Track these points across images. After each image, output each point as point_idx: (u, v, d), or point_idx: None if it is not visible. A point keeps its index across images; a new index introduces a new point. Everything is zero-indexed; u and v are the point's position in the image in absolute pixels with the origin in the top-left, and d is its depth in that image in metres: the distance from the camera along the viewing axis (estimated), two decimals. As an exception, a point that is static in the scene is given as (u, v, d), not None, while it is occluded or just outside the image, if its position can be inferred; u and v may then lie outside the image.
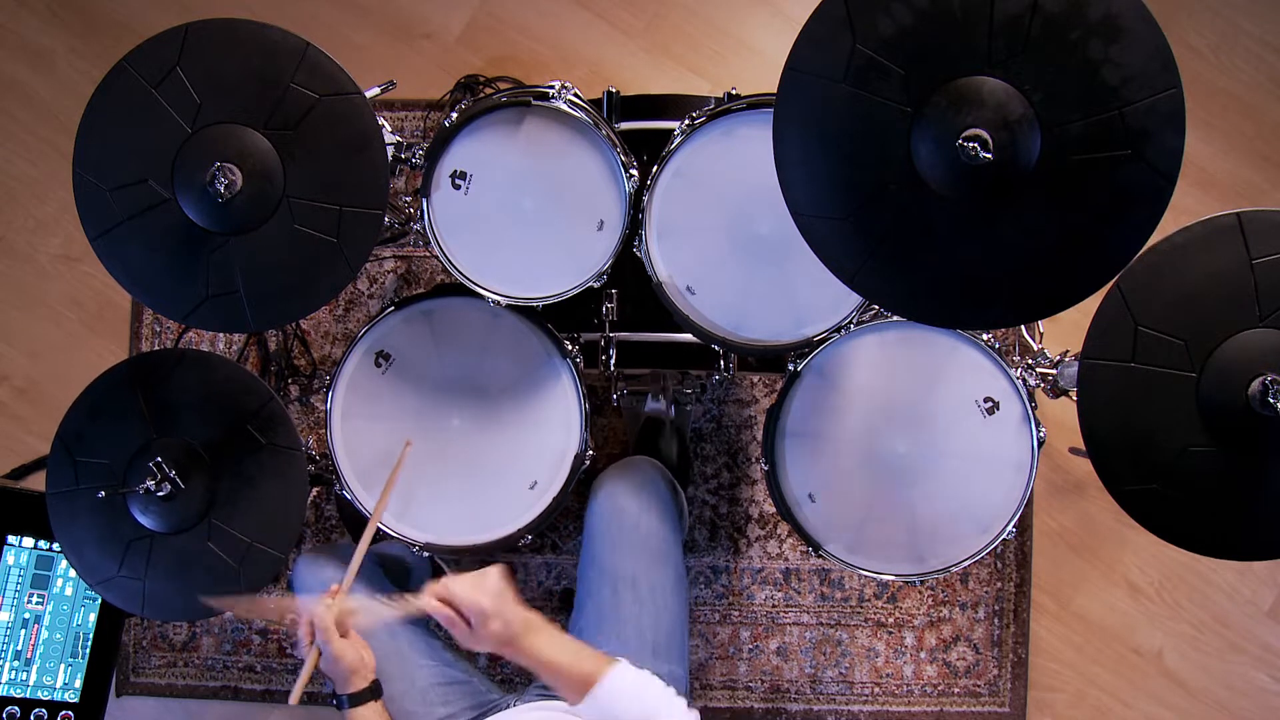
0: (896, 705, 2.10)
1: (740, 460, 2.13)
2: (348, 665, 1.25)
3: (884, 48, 1.09)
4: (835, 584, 2.11)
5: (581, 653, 1.23)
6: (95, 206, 1.28)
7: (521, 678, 2.10)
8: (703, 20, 2.23)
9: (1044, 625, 2.12)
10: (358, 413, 1.54)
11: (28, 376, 2.22)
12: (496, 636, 1.20)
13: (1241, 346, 1.18)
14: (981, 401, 1.49)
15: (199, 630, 2.14)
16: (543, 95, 1.45)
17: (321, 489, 2.10)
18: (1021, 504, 1.47)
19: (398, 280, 2.19)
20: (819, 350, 1.49)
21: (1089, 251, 1.12)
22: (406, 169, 1.56)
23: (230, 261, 1.28)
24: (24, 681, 1.58)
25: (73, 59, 2.25)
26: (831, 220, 1.16)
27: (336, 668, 1.25)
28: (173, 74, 1.25)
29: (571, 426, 1.54)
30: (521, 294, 1.48)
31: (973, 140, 1.04)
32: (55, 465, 1.38)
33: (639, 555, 1.48)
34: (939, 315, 1.22)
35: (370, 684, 1.28)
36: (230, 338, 2.18)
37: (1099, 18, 1.05)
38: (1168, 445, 1.22)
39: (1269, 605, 2.12)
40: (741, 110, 1.43)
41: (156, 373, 1.39)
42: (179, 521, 1.36)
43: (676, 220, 1.46)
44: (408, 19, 2.24)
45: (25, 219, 2.24)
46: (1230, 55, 2.18)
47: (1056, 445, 2.10)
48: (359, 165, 1.28)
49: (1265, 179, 2.16)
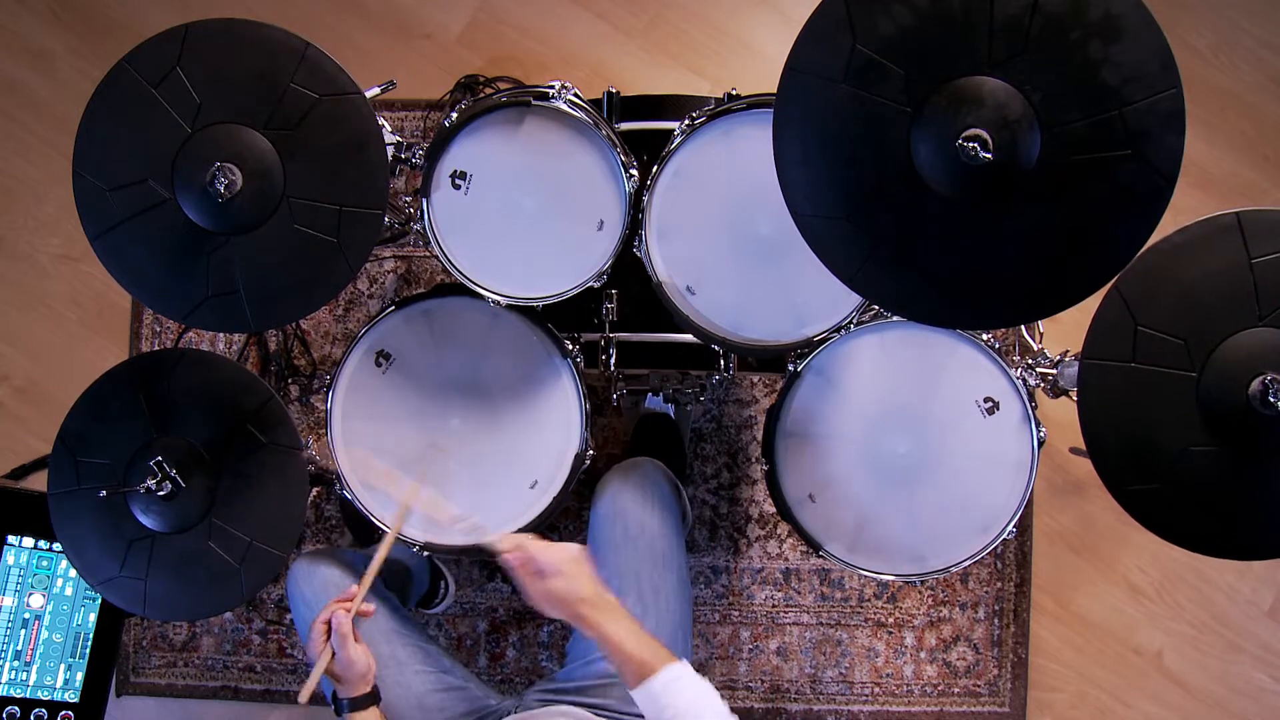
0: (896, 705, 2.10)
1: (740, 460, 2.13)
2: (359, 671, 1.26)
3: (884, 48, 1.09)
4: (835, 584, 2.11)
5: (649, 641, 1.24)
6: (95, 206, 1.28)
7: (521, 679, 2.10)
8: (703, 20, 2.23)
9: (1044, 625, 2.12)
10: (358, 413, 1.54)
11: (28, 376, 2.22)
12: (560, 595, 1.24)
13: (1241, 346, 1.18)
14: (981, 401, 1.49)
15: (199, 630, 2.14)
16: (543, 95, 1.45)
17: (322, 489, 2.10)
18: (1021, 504, 1.47)
19: (398, 280, 2.19)
20: (819, 350, 1.49)
21: (1089, 251, 1.12)
22: (406, 169, 1.56)
23: (230, 261, 1.28)
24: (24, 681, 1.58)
25: (73, 59, 2.25)
26: (831, 220, 1.16)
27: (348, 672, 1.26)
28: (173, 74, 1.25)
29: (571, 426, 1.54)
30: (521, 294, 1.48)
31: (973, 140, 1.04)
32: (56, 465, 1.38)
33: (642, 557, 1.49)
34: (939, 315, 1.22)
35: (372, 689, 1.29)
36: (230, 338, 2.18)
37: (1099, 18, 1.05)
38: (1168, 445, 1.22)
39: (1269, 605, 2.12)
40: (741, 110, 1.43)
41: (157, 372, 1.39)
42: (180, 521, 1.36)
43: (676, 220, 1.46)
44: (408, 19, 2.25)
45: (25, 219, 2.24)
46: (1230, 55, 2.18)
47: (1056, 445, 2.10)
48: (359, 165, 1.28)
49: (1265, 179, 2.16)
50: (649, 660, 1.21)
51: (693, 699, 1.19)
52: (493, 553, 1.30)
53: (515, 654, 2.11)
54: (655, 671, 1.19)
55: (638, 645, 1.22)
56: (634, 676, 1.21)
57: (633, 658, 1.21)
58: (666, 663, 1.21)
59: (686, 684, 1.20)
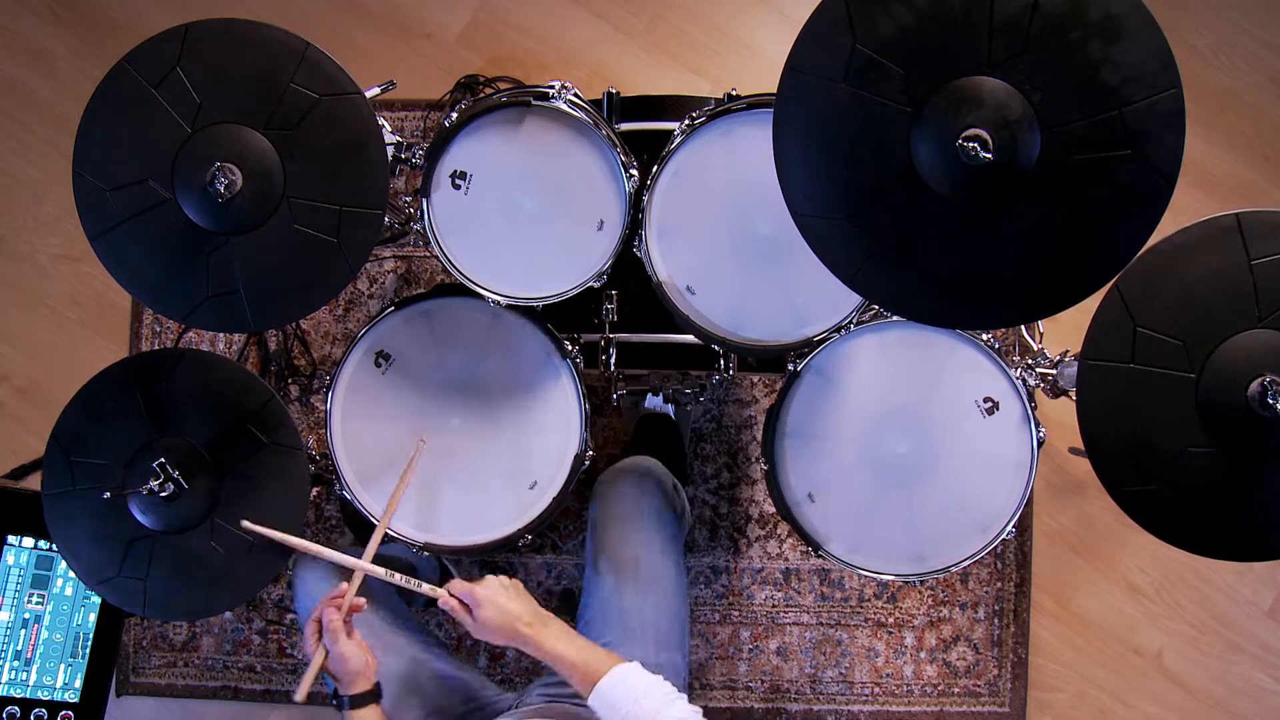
0: (896, 705, 2.10)
1: (740, 460, 2.13)
2: (354, 667, 1.27)
3: (884, 48, 1.09)
4: (835, 584, 2.11)
5: (593, 649, 1.27)
6: (95, 206, 1.27)
7: (521, 679, 2.10)
8: (703, 20, 2.23)
9: (1044, 625, 2.12)
10: (358, 413, 1.54)
11: (28, 376, 2.23)
12: (494, 623, 1.26)
13: (1241, 347, 1.18)
14: (981, 401, 1.49)
15: (199, 630, 2.14)
16: (543, 95, 1.45)
17: (322, 489, 2.10)
18: (1021, 504, 1.47)
19: (398, 280, 2.19)
20: (819, 350, 1.49)
21: (1089, 252, 1.12)
22: (406, 169, 1.56)
23: (230, 261, 1.28)
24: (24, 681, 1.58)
25: (73, 59, 2.25)
26: (831, 220, 1.16)
27: (343, 668, 1.27)
28: (173, 74, 1.25)
29: (571, 426, 1.54)
30: (521, 294, 1.48)
31: (973, 140, 1.04)
32: (50, 466, 1.38)
33: (640, 550, 1.51)
34: (939, 315, 1.22)
35: (373, 686, 1.29)
36: (230, 338, 2.18)
37: (1099, 18, 1.05)
38: (1167, 446, 1.22)
39: (1269, 605, 2.12)
40: (741, 110, 1.42)
41: (156, 372, 1.39)
42: (182, 521, 1.36)
43: (676, 220, 1.46)
44: (408, 19, 2.25)
45: (25, 219, 2.24)
46: (1230, 55, 2.18)
47: (1056, 445, 2.10)
48: (359, 165, 1.28)
49: (1265, 179, 2.17)
50: (596, 666, 1.22)
51: (643, 693, 1.20)
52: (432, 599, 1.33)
53: (515, 653, 2.11)
54: (603, 675, 1.21)
55: (580, 654, 1.25)
56: (584, 684, 1.22)
57: (578, 666, 1.23)
58: (614, 665, 1.22)
59: (635, 681, 1.21)
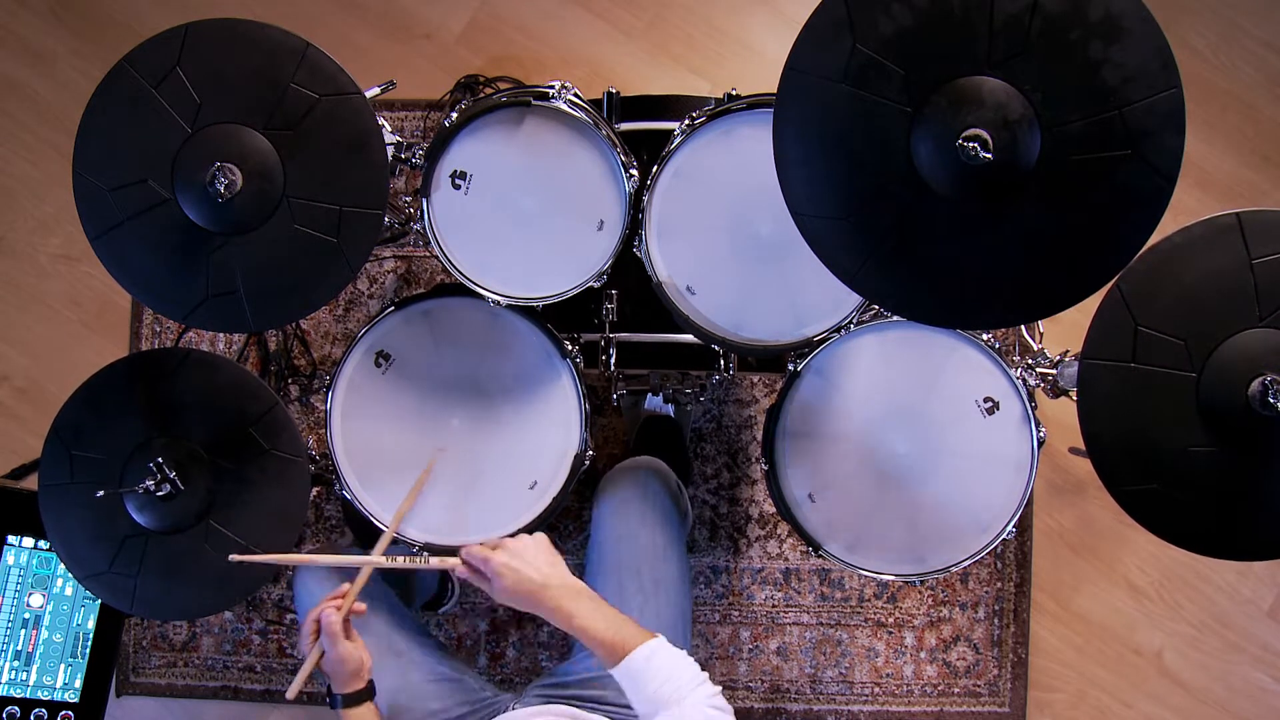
0: (896, 705, 2.10)
1: (740, 460, 2.13)
2: (350, 668, 1.27)
3: (884, 48, 1.09)
4: (835, 584, 2.11)
5: (621, 620, 1.25)
6: (95, 206, 1.27)
7: (521, 679, 2.10)
8: (703, 20, 2.23)
9: (1044, 625, 2.12)
10: (358, 413, 1.54)
11: (28, 376, 2.22)
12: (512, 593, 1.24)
13: (1241, 346, 1.18)
14: (981, 401, 1.49)
15: (199, 630, 2.14)
16: (543, 95, 1.45)
17: (322, 489, 2.10)
18: (1021, 504, 1.47)
19: (398, 280, 2.19)
20: (819, 350, 1.49)
21: (1089, 251, 1.12)
22: (406, 169, 1.56)
23: (230, 261, 1.28)
24: (24, 681, 1.58)
25: (73, 59, 2.25)
26: (831, 220, 1.16)
27: (340, 669, 1.27)
28: (173, 74, 1.25)
29: (571, 426, 1.54)
30: (521, 294, 1.48)
31: (973, 140, 1.04)
32: (50, 457, 1.38)
33: (643, 551, 1.50)
34: (939, 315, 1.22)
35: (366, 684, 1.30)
36: (230, 338, 2.18)
37: (1099, 18, 1.05)
38: (1167, 445, 1.22)
39: (1269, 605, 2.12)
40: (741, 110, 1.42)
41: (159, 371, 1.39)
42: (177, 521, 1.36)
43: (676, 220, 1.46)
44: (408, 19, 2.25)
45: (25, 219, 2.24)
46: (1230, 55, 2.18)
47: (1056, 445, 2.10)
48: (359, 165, 1.28)
49: (1265, 179, 2.17)
50: (624, 639, 1.21)
51: (671, 670, 1.19)
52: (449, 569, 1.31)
53: (515, 654, 2.11)
54: (632, 649, 1.20)
55: (609, 626, 1.23)
56: (610, 657, 1.21)
57: (606, 640, 1.22)
58: (643, 639, 1.21)
59: (664, 657, 1.21)
